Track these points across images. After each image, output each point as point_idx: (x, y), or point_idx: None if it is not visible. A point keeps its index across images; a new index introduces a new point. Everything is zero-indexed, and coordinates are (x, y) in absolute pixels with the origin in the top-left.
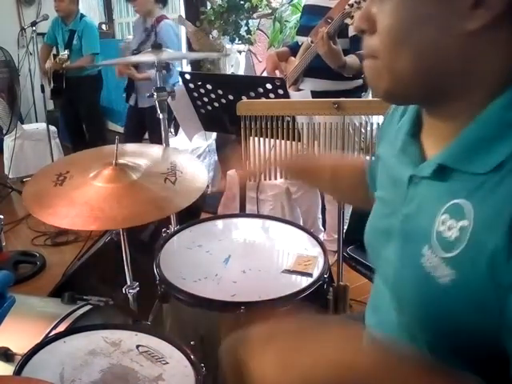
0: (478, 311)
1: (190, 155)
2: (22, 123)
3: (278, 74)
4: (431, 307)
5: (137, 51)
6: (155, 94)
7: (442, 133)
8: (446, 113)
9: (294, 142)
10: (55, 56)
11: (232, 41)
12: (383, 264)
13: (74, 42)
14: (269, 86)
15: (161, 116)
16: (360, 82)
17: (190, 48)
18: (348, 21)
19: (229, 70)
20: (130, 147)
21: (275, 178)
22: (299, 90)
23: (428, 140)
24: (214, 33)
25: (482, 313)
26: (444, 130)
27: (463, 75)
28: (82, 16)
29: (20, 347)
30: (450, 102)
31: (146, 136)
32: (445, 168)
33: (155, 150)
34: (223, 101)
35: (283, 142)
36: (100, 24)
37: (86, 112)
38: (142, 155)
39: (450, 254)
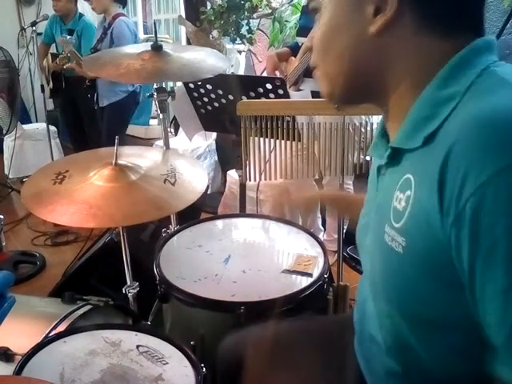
0: (433, 277)
1: (191, 158)
2: (22, 123)
3: (277, 74)
4: (393, 278)
5: (94, 49)
6: (155, 94)
7: (394, 123)
8: (388, 106)
9: (294, 142)
10: (54, 56)
11: (232, 41)
12: (364, 256)
13: (73, 41)
14: (269, 86)
15: (161, 116)
16: None
17: None
18: None
19: (229, 70)
20: (131, 149)
21: (275, 178)
22: (299, 90)
23: (390, 133)
24: (214, 33)
25: (439, 279)
26: (395, 121)
27: (384, 71)
28: (81, 15)
29: (20, 347)
30: (385, 96)
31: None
32: (397, 150)
33: (155, 152)
34: (223, 101)
35: (283, 141)
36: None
37: (86, 112)
38: (142, 157)
39: (400, 223)
